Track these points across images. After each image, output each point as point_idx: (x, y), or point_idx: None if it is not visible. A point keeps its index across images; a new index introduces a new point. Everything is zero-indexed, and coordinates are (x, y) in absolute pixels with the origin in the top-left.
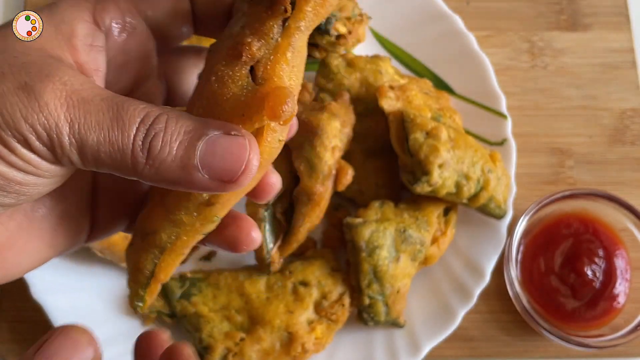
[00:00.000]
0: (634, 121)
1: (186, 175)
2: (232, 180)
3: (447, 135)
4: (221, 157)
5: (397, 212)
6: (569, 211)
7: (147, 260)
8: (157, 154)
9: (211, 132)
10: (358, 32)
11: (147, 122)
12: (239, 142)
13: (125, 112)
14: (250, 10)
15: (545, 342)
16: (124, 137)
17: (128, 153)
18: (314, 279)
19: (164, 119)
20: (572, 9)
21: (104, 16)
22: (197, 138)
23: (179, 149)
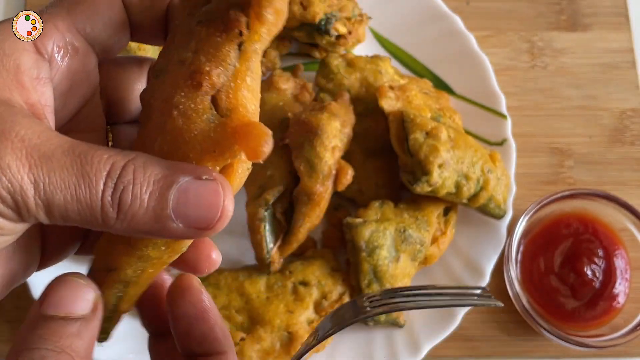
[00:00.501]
0: (634, 121)
1: (160, 227)
2: (208, 228)
3: (447, 135)
4: (195, 205)
5: (397, 212)
6: (569, 211)
7: (111, 295)
8: (128, 208)
9: (182, 179)
10: (358, 32)
11: (113, 175)
12: (212, 187)
13: (90, 166)
14: (202, 33)
15: (545, 342)
16: (92, 194)
17: (97, 210)
18: (314, 278)
19: (131, 170)
20: (572, 9)
21: (45, 42)
22: (168, 187)
23: (151, 201)
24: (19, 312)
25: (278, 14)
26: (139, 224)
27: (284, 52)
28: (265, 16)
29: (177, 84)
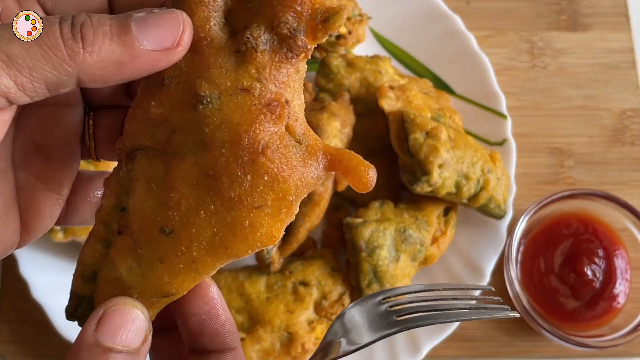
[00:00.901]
0: (634, 121)
1: (129, 51)
2: (174, 45)
3: (447, 135)
4: (156, 24)
5: (397, 212)
6: (569, 211)
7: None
8: (92, 38)
9: (136, 14)
10: (358, 32)
11: (67, 18)
12: (167, 11)
13: (42, 19)
14: (261, 59)
15: (545, 342)
16: (50, 33)
17: (60, 46)
18: (314, 279)
19: (83, 13)
20: (572, 9)
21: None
22: (126, 18)
23: (113, 29)
24: (17, 313)
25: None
26: (108, 52)
27: None
28: (323, 38)
29: (250, 116)
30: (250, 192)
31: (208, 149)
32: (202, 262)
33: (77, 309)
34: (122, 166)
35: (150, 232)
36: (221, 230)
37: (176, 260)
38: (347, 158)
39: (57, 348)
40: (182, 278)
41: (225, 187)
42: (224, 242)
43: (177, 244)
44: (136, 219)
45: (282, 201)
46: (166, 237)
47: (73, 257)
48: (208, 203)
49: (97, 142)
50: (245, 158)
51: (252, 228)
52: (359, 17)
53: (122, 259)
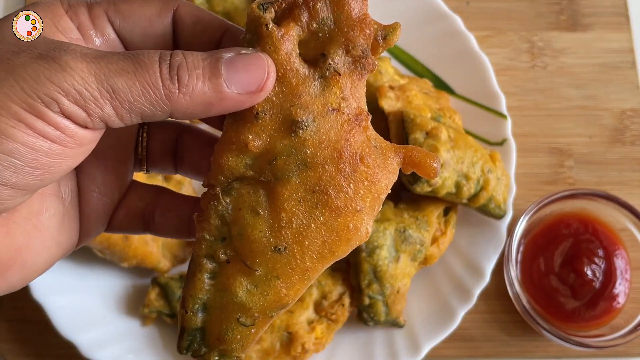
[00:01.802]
0: (634, 121)
1: (218, 94)
2: (260, 89)
3: (447, 135)
4: (244, 69)
5: (397, 212)
6: (569, 211)
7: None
8: (187, 80)
9: (225, 55)
10: None
11: (165, 58)
12: (254, 55)
13: (143, 55)
14: (342, 79)
15: (545, 342)
16: (151, 73)
17: (159, 86)
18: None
19: (180, 53)
20: (572, 9)
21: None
22: (217, 61)
23: (205, 72)
24: (17, 312)
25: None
26: (200, 94)
27: None
28: (383, 52)
29: (343, 131)
30: (354, 198)
31: (311, 168)
32: (313, 270)
33: (191, 343)
34: (219, 200)
35: (265, 254)
36: (330, 237)
37: (292, 274)
38: (417, 152)
39: (57, 348)
40: (297, 288)
41: (332, 199)
42: (332, 248)
43: (292, 259)
44: (246, 244)
45: (376, 200)
46: (280, 255)
47: (73, 257)
48: (317, 216)
49: (149, 155)
50: (347, 169)
51: (355, 229)
52: None
53: (238, 285)
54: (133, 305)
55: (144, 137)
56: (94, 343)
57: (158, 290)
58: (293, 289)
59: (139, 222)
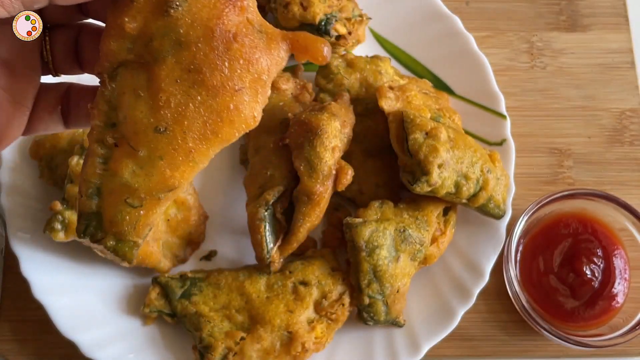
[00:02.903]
0: (633, 121)
1: None
2: None
3: (447, 135)
4: None
5: (397, 212)
6: (568, 211)
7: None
8: None
9: None
10: (358, 33)
11: None
12: None
13: None
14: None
15: (545, 341)
16: None
17: None
18: (314, 278)
19: None
20: (571, 9)
21: None
22: None
23: None
24: (18, 312)
25: None
26: None
27: None
28: None
29: (216, 11)
30: (230, 77)
31: (185, 47)
32: (198, 152)
33: (87, 227)
34: (105, 85)
35: (147, 134)
36: (210, 118)
37: (175, 154)
38: (304, 37)
39: (58, 347)
40: (182, 170)
41: (207, 77)
42: (214, 129)
43: (173, 139)
44: (130, 126)
45: (257, 82)
46: (162, 135)
47: (74, 257)
48: (194, 95)
49: (55, 58)
50: (220, 47)
51: (236, 110)
52: (358, 17)
53: (124, 167)
54: (134, 305)
55: (46, 40)
56: (94, 342)
57: (159, 289)
58: (178, 171)
59: (57, 120)
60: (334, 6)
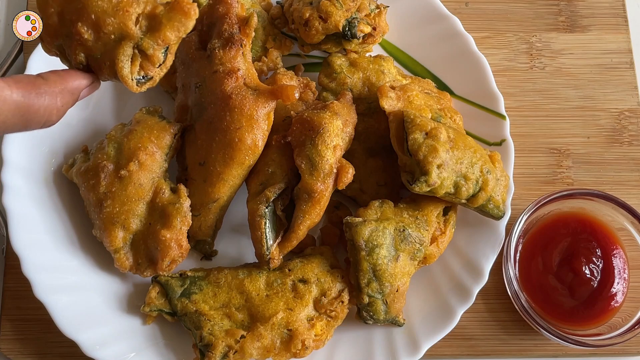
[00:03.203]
0: (631, 122)
1: None
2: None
3: (447, 135)
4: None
5: (397, 211)
6: (567, 211)
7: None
8: None
9: None
10: (381, 25)
11: None
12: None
13: None
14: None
15: (544, 340)
16: None
17: None
18: (313, 276)
19: None
20: (570, 10)
21: None
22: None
23: None
24: (20, 312)
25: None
26: None
27: (286, 52)
28: (251, 33)
29: (219, 83)
30: (231, 121)
31: (205, 110)
32: (225, 173)
33: (197, 243)
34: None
35: (194, 168)
36: (226, 149)
37: (211, 177)
38: (281, 88)
39: (59, 346)
40: (218, 187)
41: (218, 124)
42: (230, 155)
43: (208, 167)
44: (188, 165)
45: (251, 121)
46: (202, 166)
47: (74, 257)
48: (214, 137)
49: None
50: (222, 104)
51: (240, 141)
52: (376, 10)
53: (186, 191)
54: (134, 304)
55: None
56: (95, 341)
57: (158, 288)
58: (215, 187)
59: None
60: (351, 8)
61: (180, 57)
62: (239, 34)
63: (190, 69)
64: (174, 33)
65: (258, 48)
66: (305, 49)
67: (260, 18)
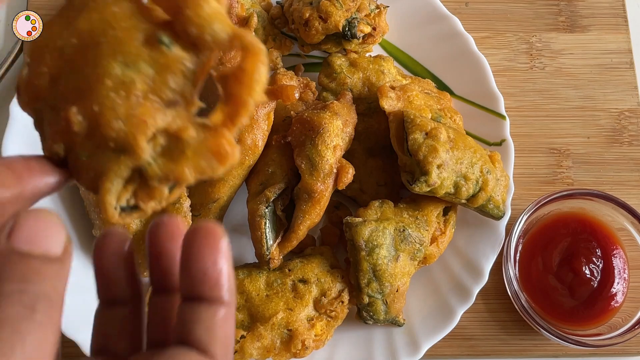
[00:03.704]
0: (631, 122)
1: None
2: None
3: (447, 136)
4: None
5: (397, 211)
6: (567, 211)
7: None
8: None
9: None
10: (381, 25)
11: None
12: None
13: None
14: None
15: (544, 340)
16: None
17: None
18: (313, 276)
19: None
20: (570, 10)
21: None
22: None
23: None
24: None
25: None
26: None
27: (286, 52)
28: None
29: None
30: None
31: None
32: (225, 173)
33: None
34: None
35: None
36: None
37: (204, 182)
38: (280, 88)
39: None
40: (218, 187)
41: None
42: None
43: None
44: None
45: (251, 120)
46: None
47: (74, 257)
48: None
49: None
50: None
51: (241, 142)
52: (376, 10)
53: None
54: None
55: None
56: None
57: None
58: (215, 187)
59: None
60: (351, 8)
61: None
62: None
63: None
64: (195, 174)
65: None
66: (305, 49)
67: (260, 18)
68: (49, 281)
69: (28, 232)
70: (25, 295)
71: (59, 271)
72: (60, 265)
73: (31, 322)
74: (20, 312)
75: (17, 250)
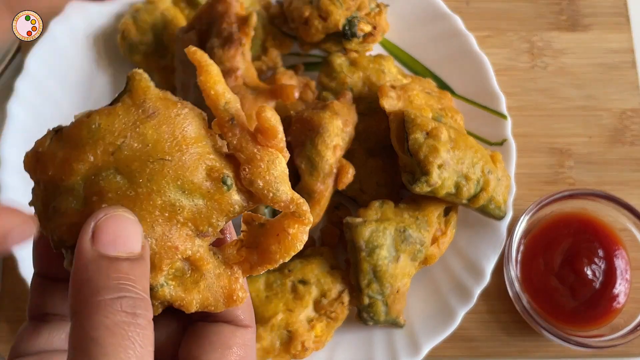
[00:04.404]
0: (634, 121)
1: None
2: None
3: (448, 135)
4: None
5: (397, 211)
6: (569, 211)
7: None
8: None
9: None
10: (382, 24)
11: None
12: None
13: None
14: None
15: (545, 342)
16: None
17: None
18: (313, 277)
19: None
20: (572, 9)
21: None
22: None
23: None
24: (18, 313)
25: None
26: None
27: (286, 51)
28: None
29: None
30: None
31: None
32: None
33: None
34: None
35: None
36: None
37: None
38: (279, 88)
39: None
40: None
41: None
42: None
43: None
44: None
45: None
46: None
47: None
48: None
49: None
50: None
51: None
52: (377, 8)
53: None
54: None
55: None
56: None
57: None
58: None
59: None
60: (352, 7)
61: (179, 56)
62: (238, 33)
63: (189, 68)
64: (199, 307)
65: (257, 47)
66: (305, 48)
67: (260, 17)
68: (139, 282)
69: (112, 234)
70: (125, 301)
71: (144, 269)
72: (143, 262)
73: (136, 327)
74: (124, 318)
75: (105, 255)
